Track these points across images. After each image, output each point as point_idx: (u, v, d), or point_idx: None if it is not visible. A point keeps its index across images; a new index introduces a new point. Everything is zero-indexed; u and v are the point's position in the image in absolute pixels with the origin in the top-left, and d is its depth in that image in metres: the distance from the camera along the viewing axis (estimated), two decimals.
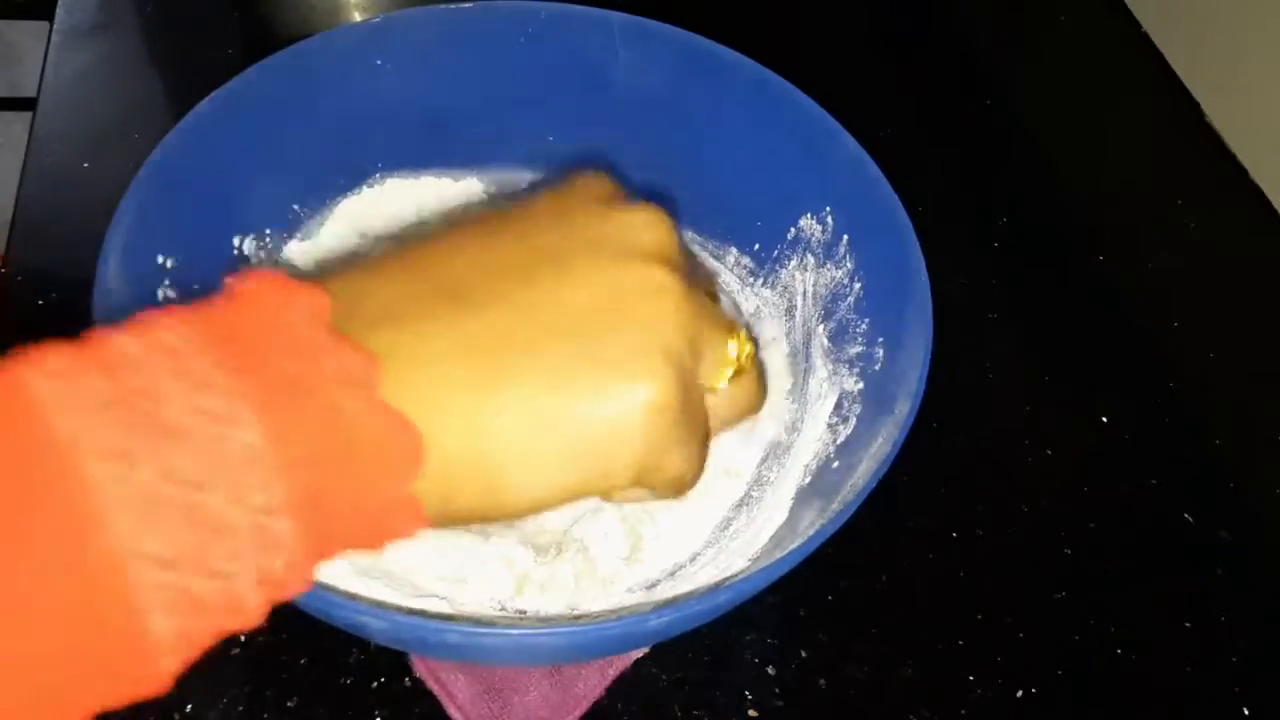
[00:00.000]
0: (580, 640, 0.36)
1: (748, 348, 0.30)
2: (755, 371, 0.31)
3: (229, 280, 0.24)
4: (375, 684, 0.45)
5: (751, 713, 0.46)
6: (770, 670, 0.47)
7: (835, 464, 0.44)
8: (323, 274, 0.26)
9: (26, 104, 0.68)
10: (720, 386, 0.29)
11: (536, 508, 0.27)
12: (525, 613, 0.45)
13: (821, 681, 0.47)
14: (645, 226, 0.29)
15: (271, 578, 0.23)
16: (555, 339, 0.26)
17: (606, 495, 0.28)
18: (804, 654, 0.48)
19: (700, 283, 0.30)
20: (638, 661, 0.46)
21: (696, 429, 0.28)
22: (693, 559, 0.47)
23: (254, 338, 0.23)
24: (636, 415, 0.26)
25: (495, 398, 0.25)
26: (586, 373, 0.26)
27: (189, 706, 0.44)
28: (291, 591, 0.23)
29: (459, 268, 0.27)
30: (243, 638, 0.46)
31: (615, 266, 0.27)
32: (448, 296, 0.26)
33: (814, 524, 0.39)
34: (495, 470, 0.26)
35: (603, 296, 0.27)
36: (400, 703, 0.45)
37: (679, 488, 0.29)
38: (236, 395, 0.22)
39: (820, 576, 0.49)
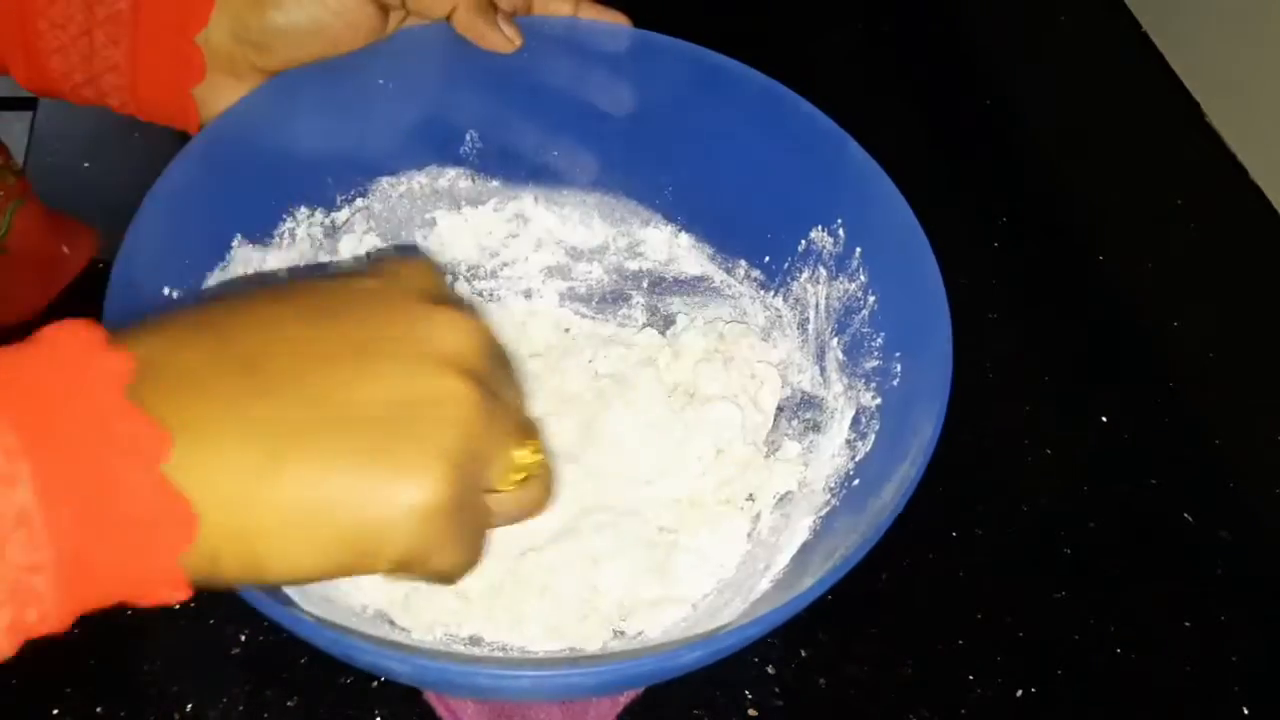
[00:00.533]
0: (610, 678, 0.36)
1: (537, 457, 0.31)
2: (544, 476, 0.32)
3: (42, 330, 0.25)
4: (375, 684, 0.45)
5: (751, 712, 0.46)
6: (770, 670, 0.47)
7: (856, 481, 0.44)
8: (136, 327, 0.27)
9: (26, 104, 0.68)
10: (506, 489, 0.31)
11: (296, 582, 0.29)
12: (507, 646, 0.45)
13: (821, 681, 0.47)
14: (454, 332, 0.29)
15: (23, 625, 0.24)
16: (339, 432, 0.27)
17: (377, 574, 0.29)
18: (804, 654, 0.48)
19: (506, 387, 0.31)
20: None
21: (469, 529, 0.29)
22: (720, 589, 0.47)
23: (49, 395, 0.24)
24: (404, 516, 0.27)
25: (271, 482, 0.26)
26: (363, 469, 0.27)
27: (189, 706, 0.44)
28: (45, 633, 0.25)
29: (260, 342, 0.28)
30: (242, 637, 0.46)
31: (414, 369, 0.28)
32: (243, 372, 0.27)
33: (839, 548, 0.39)
34: (260, 549, 0.26)
35: (395, 396, 0.28)
36: (400, 703, 0.45)
37: (446, 578, 0.30)
38: (18, 454, 0.23)
39: None
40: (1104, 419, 0.57)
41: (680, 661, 0.35)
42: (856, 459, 0.45)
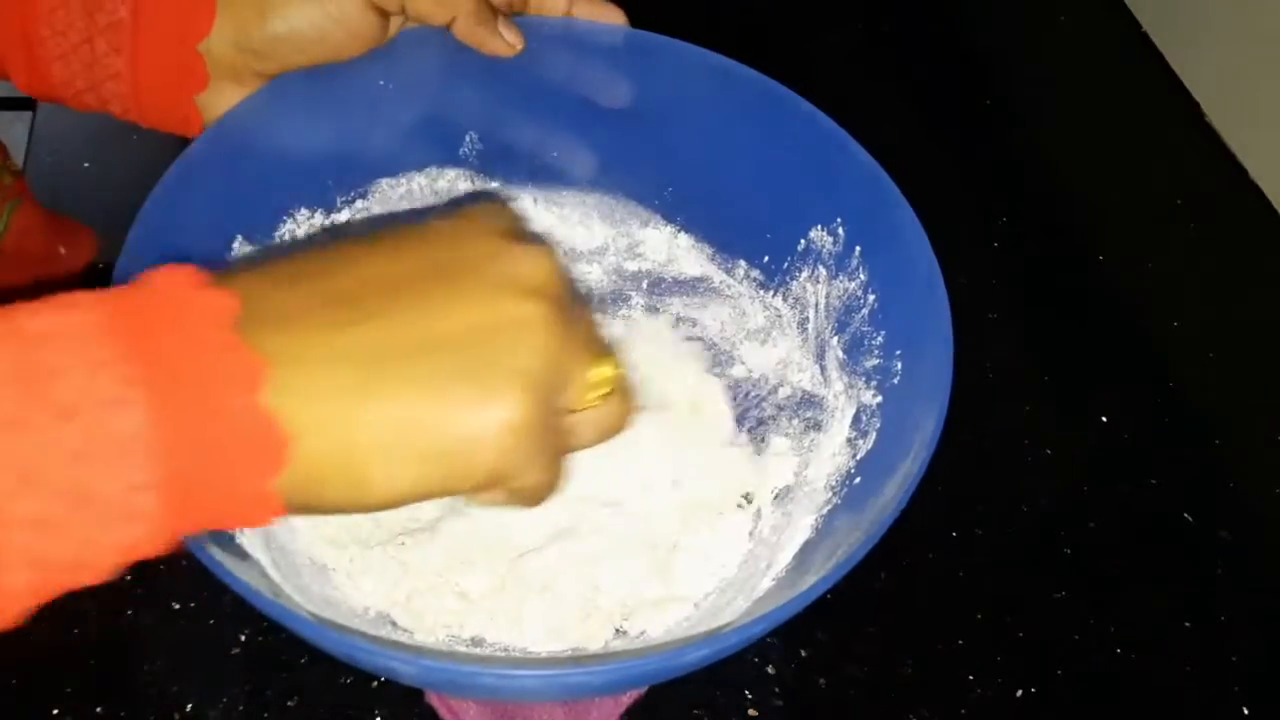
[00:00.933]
0: (615, 677, 0.36)
1: (609, 374, 0.32)
2: (622, 395, 0.34)
3: (149, 272, 0.27)
4: (375, 684, 0.45)
5: (751, 712, 0.46)
6: (770, 670, 0.47)
7: (858, 479, 0.44)
8: (231, 270, 0.29)
9: (26, 104, 0.68)
10: (584, 409, 0.32)
11: (396, 504, 0.29)
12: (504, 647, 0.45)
13: (821, 681, 0.47)
14: (531, 263, 0.31)
15: (130, 544, 0.26)
16: (429, 354, 0.29)
17: (465, 495, 0.31)
18: (804, 653, 0.48)
19: (580, 315, 0.33)
20: None
21: (550, 449, 0.31)
22: (722, 588, 0.47)
23: (161, 330, 0.26)
24: (493, 431, 0.29)
25: (365, 404, 0.28)
26: (453, 388, 0.29)
27: (189, 706, 0.44)
28: (149, 555, 0.26)
29: (353, 279, 0.30)
30: (242, 637, 0.46)
31: (496, 296, 0.30)
32: (336, 305, 0.29)
33: (841, 546, 0.39)
34: (358, 470, 0.28)
35: (479, 321, 0.30)
36: (400, 703, 0.45)
37: (533, 497, 0.32)
38: (131, 383, 0.25)
39: None
40: (1104, 419, 0.57)
41: (684, 660, 0.35)
42: (858, 457, 0.45)
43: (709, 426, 0.51)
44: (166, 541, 0.26)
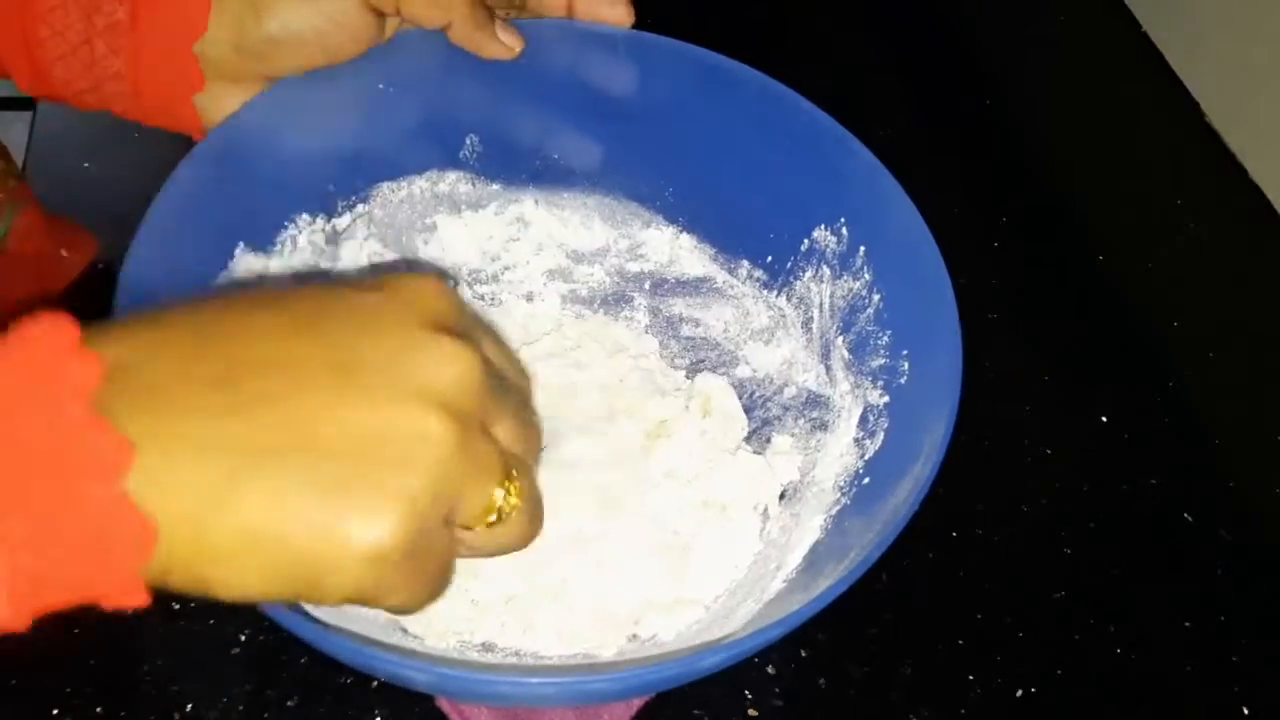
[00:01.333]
0: (633, 683, 0.36)
1: (513, 500, 0.30)
2: (526, 514, 0.31)
3: (21, 326, 0.25)
4: (375, 684, 0.45)
5: (751, 712, 0.46)
6: (770, 670, 0.47)
7: (866, 480, 0.44)
8: (113, 324, 0.27)
9: (26, 104, 0.68)
10: (480, 528, 0.30)
11: (244, 600, 0.27)
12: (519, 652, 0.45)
13: (821, 681, 0.47)
14: (445, 364, 0.28)
15: None
16: (300, 461, 0.26)
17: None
18: (804, 654, 0.48)
19: (504, 420, 0.30)
20: None
21: (428, 568, 0.29)
22: (732, 589, 0.47)
23: (13, 402, 0.24)
24: (352, 557, 0.26)
25: (224, 506, 0.26)
26: (316, 503, 0.26)
27: (189, 706, 0.44)
28: (1, 633, 0.25)
29: (237, 356, 0.27)
30: (242, 637, 0.46)
31: (392, 402, 0.27)
32: (214, 386, 0.26)
33: (852, 548, 0.39)
34: (208, 570, 0.26)
35: (367, 429, 0.27)
36: (400, 703, 0.45)
37: (407, 611, 0.29)
38: None
39: None
40: (1104, 419, 0.57)
41: (702, 665, 0.36)
42: (866, 457, 0.45)
43: (719, 428, 0.51)
44: (21, 623, 0.25)
